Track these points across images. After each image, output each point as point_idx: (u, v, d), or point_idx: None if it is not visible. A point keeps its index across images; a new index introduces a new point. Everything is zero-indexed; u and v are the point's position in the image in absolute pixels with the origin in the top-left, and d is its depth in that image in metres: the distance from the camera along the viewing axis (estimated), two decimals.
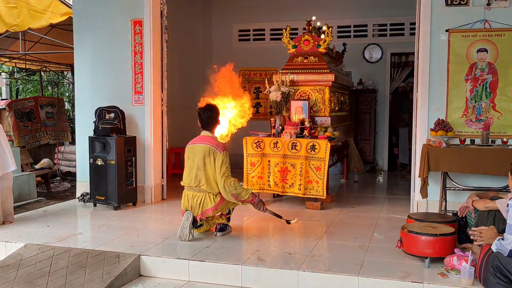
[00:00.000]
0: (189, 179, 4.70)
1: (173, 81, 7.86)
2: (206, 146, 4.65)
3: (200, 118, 4.80)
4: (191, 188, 4.72)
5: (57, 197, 7.62)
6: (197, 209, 4.67)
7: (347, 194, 7.29)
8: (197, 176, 4.64)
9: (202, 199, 4.66)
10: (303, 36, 6.76)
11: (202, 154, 4.63)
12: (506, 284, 3.08)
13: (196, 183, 4.65)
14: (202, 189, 4.65)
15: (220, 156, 4.61)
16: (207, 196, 4.66)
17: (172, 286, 4.01)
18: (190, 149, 4.76)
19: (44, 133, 10.05)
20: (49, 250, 4.43)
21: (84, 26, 6.70)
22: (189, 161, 4.73)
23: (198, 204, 4.66)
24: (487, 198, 4.00)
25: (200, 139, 4.76)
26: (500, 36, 5.30)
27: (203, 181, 4.62)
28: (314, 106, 6.54)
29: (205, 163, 4.61)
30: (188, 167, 4.74)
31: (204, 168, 4.62)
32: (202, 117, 4.78)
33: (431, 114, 5.51)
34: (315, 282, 3.84)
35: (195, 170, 4.65)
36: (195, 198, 4.68)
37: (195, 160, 4.66)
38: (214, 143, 4.68)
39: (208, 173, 4.62)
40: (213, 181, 4.64)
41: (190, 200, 4.70)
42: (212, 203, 4.66)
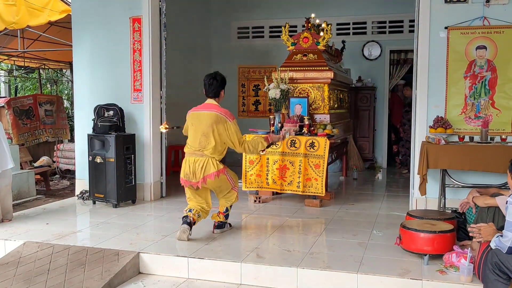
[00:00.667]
0: (193, 144, 4.63)
1: (172, 78, 7.84)
2: (214, 113, 4.58)
3: (204, 84, 4.76)
4: (193, 153, 4.61)
5: (56, 195, 7.62)
6: (199, 173, 4.55)
7: (346, 192, 7.29)
8: (201, 142, 4.56)
9: (205, 163, 4.55)
10: (302, 33, 6.76)
11: (210, 122, 4.55)
12: (504, 281, 3.08)
13: (200, 148, 4.57)
14: (205, 153, 4.56)
15: (231, 125, 4.59)
16: (210, 160, 4.56)
17: (171, 283, 4.01)
18: (194, 116, 4.69)
19: (43, 131, 10.05)
20: (48, 247, 4.43)
21: (83, 23, 6.69)
22: (192, 127, 4.66)
23: (200, 168, 4.55)
24: (488, 195, 4.00)
25: (205, 107, 4.69)
26: (499, 33, 5.30)
27: (208, 147, 4.54)
28: (313, 103, 6.54)
29: (213, 129, 4.53)
30: (192, 133, 4.67)
31: (212, 134, 4.54)
32: (206, 83, 4.74)
33: (430, 112, 5.51)
34: (314, 279, 3.84)
35: (200, 136, 4.57)
36: (197, 162, 4.56)
37: (199, 127, 4.58)
38: (222, 111, 4.62)
39: (216, 139, 4.55)
40: (220, 147, 4.60)
41: (191, 165, 4.58)
42: (215, 168, 4.56)
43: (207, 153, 4.56)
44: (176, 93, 8.60)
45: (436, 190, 5.38)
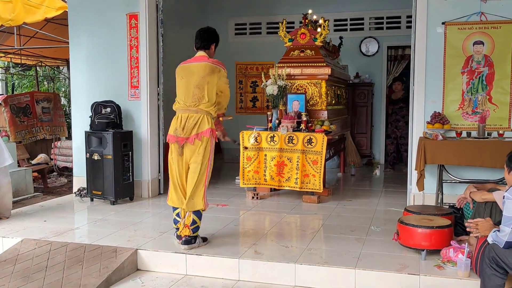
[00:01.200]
0: (185, 99, 4.29)
1: (169, 75, 7.82)
2: (207, 63, 4.29)
3: (196, 37, 4.47)
4: (187, 109, 4.26)
5: (54, 192, 7.61)
6: (191, 130, 4.20)
7: (344, 188, 7.30)
8: (195, 94, 4.24)
9: (199, 119, 4.22)
10: (300, 29, 6.76)
11: (203, 73, 4.25)
12: (502, 276, 3.09)
13: (194, 102, 4.24)
14: (200, 109, 4.23)
15: (224, 73, 4.38)
16: (205, 117, 4.24)
17: (170, 280, 4.01)
18: (184, 68, 4.39)
19: (40, 128, 10.03)
20: (46, 245, 4.42)
21: (80, 20, 6.67)
22: (183, 80, 4.33)
23: (194, 124, 4.21)
24: (485, 190, 4.01)
25: (196, 59, 4.39)
26: (496, 29, 5.30)
27: (203, 100, 4.23)
28: (311, 99, 6.55)
29: (208, 81, 4.25)
30: (183, 87, 4.33)
31: (206, 86, 4.24)
32: (197, 35, 4.46)
33: (428, 107, 5.51)
34: (312, 275, 3.85)
35: (193, 89, 4.25)
36: (191, 119, 4.22)
37: (192, 79, 4.27)
38: (214, 61, 4.34)
39: (210, 91, 4.26)
40: (215, 98, 4.31)
41: (184, 121, 4.23)
42: (209, 124, 4.23)
43: (202, 107, 4.23)
44: (174, 90, 8.59)
45: (434, 186, 5.39)
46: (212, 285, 3.90)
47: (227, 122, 5.17)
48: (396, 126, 8.64)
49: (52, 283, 3.82)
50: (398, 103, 8.62)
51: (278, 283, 3.90)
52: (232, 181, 7.45)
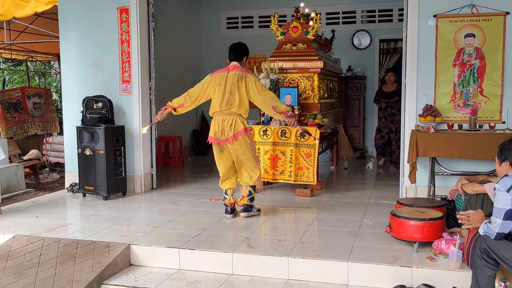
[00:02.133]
0: (221, 104, 4.89)
1: (161, 69, 7.79)
2: (237, 72, 4.92)
3: (229, 51, 5.11)
4: (221, 113, 4.89)
5: (46, 188, 7.57)
6: (228, 131, 4.85)
7: (337, 181, 7.31)
8: (229, 100, 4.85)
9: (233, 121, 4.85)
10: (292, 23, 6.73)
11: (235, 80, 4.87)
12: (493, 267, 3.11)
13: (227, 107, 4.85)
14: (232, 111, 4.85)
15: (251, 77, 4.90)
16: (237, 118, 4.86)
17: (163, 274, 4.01)
18: (220, 77, 4.96)
19: (31, 124, 9.98)
20: (38, 241, 4.40)
21: (69, 14, 6.62)
22: (220, 87, 4.91)
23: (229, 126, 4.84)
24: (477, 182, 4.03)
25: (229, 68, 5.00)
26: (487, 21, 5.31)
27: (235, 104, 4.84)
28: (303, 93, 6.54)
29: (238, 87, 4.85)
30: (219, 93, 4.91)
31: (237, 92, 4.84)
32: (230, 49, 5.10)
33: (419, 100, 5.52)
34: (305, 268, 3.86)
35: (227, 95, 4.86)
36: (225, 121, 4.87)
37: (226, 85, 4.88)
38: (243, 70, 4.97)
39: (242, 96, 4.85)
40: (245, 103, 4.89)
41: (220, 124, 4.88)
42: (243, 124, 4.88)
43: (234, 110, 4.85)
44: (166, 84, 8.55)
45: (426, 178, 5.42)
46: (205, 279, 3.90)
47: None
48: (392, 121, 8.18)
49: (44, 279, 3.81)
50: (393, 96, 8.16)
51: (271, 276, 3.91)
52: None
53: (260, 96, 4.88)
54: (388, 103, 8.23)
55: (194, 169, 8.50)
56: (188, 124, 10.08)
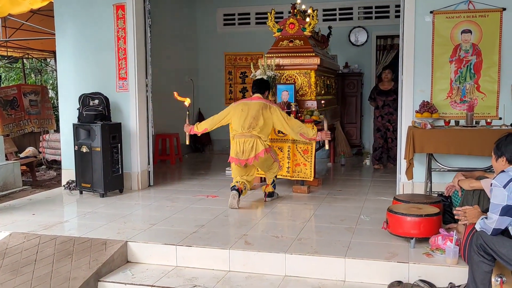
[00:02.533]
0: (243, 126, 5.34)
1: (158, 66, 7.78)
2: (262, 102, 5.44)
3: (253, 85, 5.67)
4: (242, 135, 5.32)
5: (42, 186, 7.55)
6: (248, 152, 5.27)
7: (334, 178, 7.32)
8: (252, 124, 5.31)
9: (254, 143, 5.28)
10: (288, 19, 6.72)
11: (259, 107, 5.37)
12: (489, 262, 3.11)
13: (249, 130, 5.29)
14: (253, 134, 5.28)
15: (275, 108, 5.43)
16: (258, 140, 5.29)
17: (160, 271, 4.01)
18: (244, 104, 5.49)
19: (28, 121, 9.95)
20: (34, 238, 4.39)
21: (65, 11, 6.59)
22: (243, 112, 5.39)
23: (251, 147, 5.27)
24: (473, 178, 4.03)
25: (253, 98, 5.55)
26: (484, 17, 5.31)
27: (257, 128, 5.30)
28: (300, 89, 6.54)
29: (262, 113, 5.34)
30: (242, 117, 5.38)
31: (261, 117, 5.33)
32: (254, 83, 5.66)
33: (416, 96, 5.52)
34: (303, 265, 3.86)
35: (250, 119, 5.33)
36: (246, 143, 5.28)
37: (250, 111, 5.37)
38: (266, 101, 5.51)
39: (265, 122, 5.34)
40: (266, 128, 5.38)
41: (241, 145, 5.29)
42: (263, 146, 5.30)
43: (255, 133, 5.28)
44: (162, 81, 8.54)
45: (423, 174, 5.42)
46: (202, 276, 3.90)
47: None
48: (389, 120, 7.82)
49: (41, 276, 3.80)
50: (391, 94, 7.78)
51: (268, 273, 3.90)
52: (222, 172, 7.45)
53: (287, 125, 5.37)
54: (386, 102, 7.88)
55: (191, 166, 8.49)
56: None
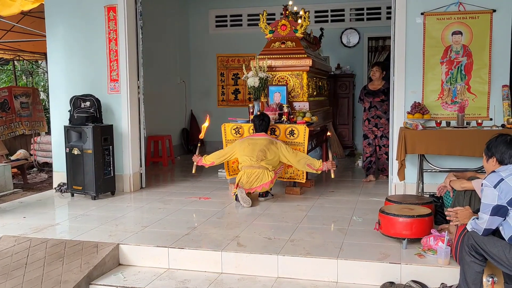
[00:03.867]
0: (251, 158, 5.61)
1: (149, 68, 7.76)
2: (267, 138, 5.77)
3: (255, 124, 5.87)
4: (251, 166, 5.59)
5: (34, 188, 7.50)
6: (255, 183, 5.55)
7: (326, 179, 7.31)
8: (259, 156, 5.58)
9: (261, 174, 5.56)
10: (280, 21, 6.72)
11: (266, 142, 5.69)
12: (481, 262, 3.13)
13: (258, 161, 5.57)
14: (261, 165, 5.57)
15: (281, 143, 5.74)
16: (265, 172, 5.58)
17: (152, 274, 3.99)
18: (250, 139, 5.79)
19: (19, 124, 9.89)
20: (25, 241, 4.36)
21: (56, 12, 6.55)
22: (249, 146, 5.68)
23: (256, 178, 5.55)
24: (465, 179, 4.05)
25: (258, 134, 5.81)
26: (474, 19, 5.34)
27: (263, 160, 5.58)
28: (292, 91, 6.54)
29: (269, 148, 5.64)
30: (248, 150, 5.66)
31: (268, 150, 5.62)
32: (256, 123, 5.84)
33: (408, 97, 5.54)
34: (295, 266, 3.86)
35: (257, 152, 5.60)
36: (253, 174, 5.56)
37: (256, 145, 5.66)
38: (272, 137, 5.86)
39: (272, 156, 5.63)
40: (274, 161, 5.66)
41: (248, 176, 5.57)
42: (268, 178, 5.57)
43: (263, 164, 5.58)
44: (154, 83, 8.53)
45: (415, 175, 5.44)
46: (195, 278, 3.89)
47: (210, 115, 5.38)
48: (376, 124, 6.96)
49: (32, 279, 3.77)
50: (379, 95, 6.94)
51: (261, 274, 3.90)
52: (214, 174, 7.43)
53: (293, 158, 5.65)
54: (372, 103, 6.99)
55: (184, 168, 8.47)
56: (177, 123, 10.05)
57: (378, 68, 7.01)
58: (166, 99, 9.36)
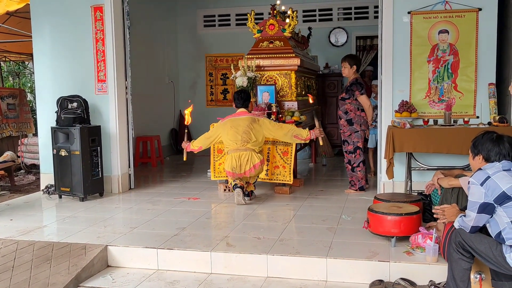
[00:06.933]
0: (236, 142, 5.50)
1: (137, 68, 7.72)
2: (249, 116, 5.64)
3: (235, 99, 5.78)
4: (237, 150, 5.48)
5: (21, 190, 7.42)
6: (246, 165, 5.44)
7: (315, 178, 7.34)
8: (243, 138, 5.47)
9: (249, 156, 5.45)
10: (268, 20, 6.73)
11: (248, 122, 5.55)
12: (468, 259, 3.15)
13: (243, 143, 5.46)
14: (248, 147, 5.47)
15: (263, 120, 5.65)
16: (253, 153, 5.47)
17: (141, 275, 3.97)
18: (232, 121, 5.63)
19: (6, 126, 9.77)
20: (12, 244, 4.31)
21: (42, 13, 6.49)
22: (232, 129, 5.55)
23: (246, 160, 5.44)
24: (452, 176, 4.08)
25: (239, 114, 5.68)
26: (460, 17, 5.38)
27: (251, 141, 5.48)
28: (281, 90, 6.54)
29: (252, 128, 5.53)
30: (232, 134, 5.54)
31: (251, 131, 5.51)
32: (236, 97, 5.76)
33: (395, 96, 5.57)
34: (284, 265, 3.86)
35: (241, 134, 5.49)
36: (242, 156, 5.45)
37: (239, 127, 5.53)
38: (253, 114, 5.71)
39: (256, 134, 5.52)
40: (259, 141, 5.56)
41: (237, 159, 5.45)
42: (258, 158, 5.49)
43: (249, 146, 5.47)
44: (142, 83, 8.48)
45: (403, 173, 5.47)
46: (184, 279, 3.87)
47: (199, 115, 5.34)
48: (339, 126, 6.24)
49: (19, 282, 3.73)
50: (344, 91, 6.20)
51: (250, 274, 3.90)
52: (203, 174, 7.42)
53: (279, 132, 5.57)
54: (338, 102, 6.44)
55: (173, 168, 8.44)
56: (166, 123, 10.01)
57: (345, 63, 6.12)
58: (154, 100, 9.32)
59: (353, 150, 6.02)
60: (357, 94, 5.95)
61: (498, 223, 3.04)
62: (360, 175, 6.05)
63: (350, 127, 6.01)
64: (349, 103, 6.01)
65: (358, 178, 6.06)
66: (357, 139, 6.01)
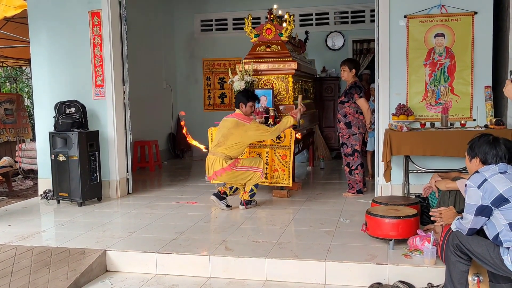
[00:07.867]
0: (213, 143, 5.52)
1: (135, 73, 7.73)
2: (235, 120, 5.44)
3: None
4: (211, 152, 5.47)
5: (19, 196, 7.41)
6: (210, 170, 5.39)
7: (313, 181, 7.35)
8: (219, 142, 5.38)
9: (214, 161, 5.35)
10: (265, 25, 6.74)
11: (230, 125, 5.39)
12: (466, 262, 3.16)
13: (216, 147, 5.39)
14: (217, 152, 5.37)
15: (250, 125, 5.38)
16: (217, 159, 5.34)
17: (140, 280, 3.97)
18: (223, 122, 5.56)
19: (3, 131, 9.76)
20: (10, 249, 4.31)
21: (40, 18, 6.50)
22: (218, 129, 5.52)
23: (211, 165, 5.39)
24: (449, 179, 4.09)
25: (231, 115, 5.56)
26: (456, 21, 5.41)
27: (221, 146, 5.35)
28: (278, 94, 6.56)
29: (232, 133, 5.34)
30: (215, 134, 5.58)
31: (229, 136, 5.34)
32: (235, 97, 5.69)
33: (392, 99, 5.59)
34: (283, 269, 3.87)
35: (219, 137, 5.40)
36: (210, 160, 5.41)
37: (221, 129, 5.45)
38: (241, 117, 5.45)
39: (233, 140, 5.34)
40: (235, 147, 5.37)
41: (207, 162, 5.46)
42: (220, 165, 5.31)
43: (219, 151, 5.35)
44: (140, 88, 8.49)
45: (400, 176, 5.48)
46: (183, 283, 3.88)
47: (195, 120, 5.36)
48: (338, 129, 6.31)
49: None
50: (342, 94, 6.23)
51: (249, 278, 3.90)
52: (202, 178, 7.43)
53: (267, 134, 5.43)
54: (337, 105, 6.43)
55: (171, 173, 8.44)
56: (164, 128, 10.02)
57: (344, 67, 6.15)
58: (152, 104, 9.33)
59: (351, 152, 6.05)
60: (356, 97, 5.99)
61: (495, 226, 3.05)
62: (358, 178, 6.08)
63: (349, 130, 6.04)
64: (348, 106, 6.05)
65: (356, 181, 6.09)
66: (355, 141, 6.04)
